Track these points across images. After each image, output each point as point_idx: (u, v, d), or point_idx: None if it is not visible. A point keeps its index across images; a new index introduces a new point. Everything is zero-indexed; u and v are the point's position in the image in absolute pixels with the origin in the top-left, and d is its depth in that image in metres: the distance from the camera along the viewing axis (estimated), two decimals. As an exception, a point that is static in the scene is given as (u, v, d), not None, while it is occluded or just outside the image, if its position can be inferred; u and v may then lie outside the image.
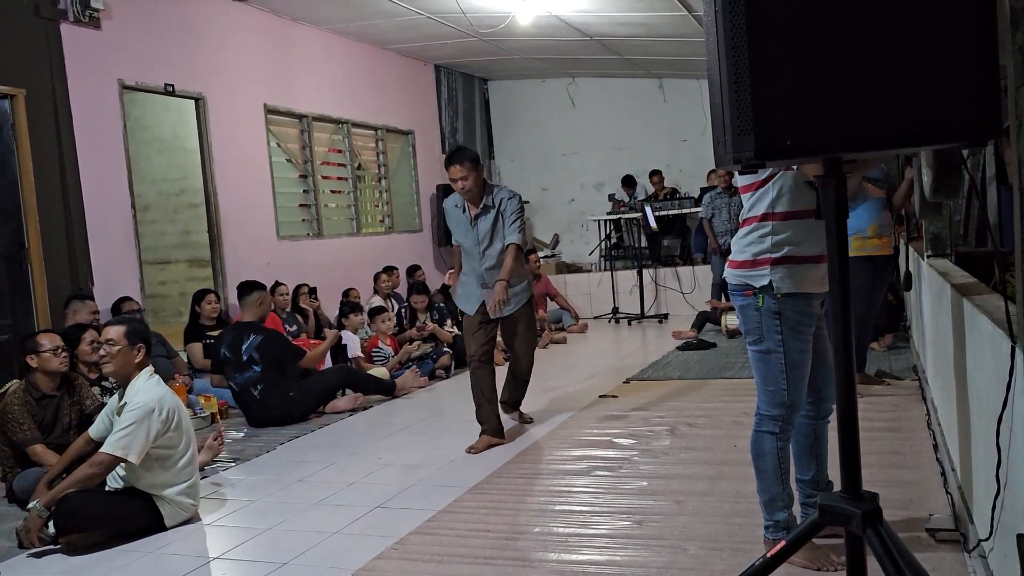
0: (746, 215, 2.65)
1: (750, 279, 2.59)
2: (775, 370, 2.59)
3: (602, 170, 11.97)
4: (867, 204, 4.91)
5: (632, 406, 5.32)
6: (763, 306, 2.57)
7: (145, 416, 3.45)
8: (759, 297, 2.57)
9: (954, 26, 1.63)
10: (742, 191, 2.69)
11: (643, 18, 8.15)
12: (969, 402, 2.75)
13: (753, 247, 2.59)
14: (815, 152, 1.77)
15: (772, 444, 2.65)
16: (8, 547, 3.51)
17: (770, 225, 2.56)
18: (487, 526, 3.34)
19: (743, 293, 2.63)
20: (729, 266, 2.69)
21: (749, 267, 2.60)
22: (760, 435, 2.68)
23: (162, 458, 3.56)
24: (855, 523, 1.87)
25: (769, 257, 2.55)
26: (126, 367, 3.56)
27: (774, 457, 2.65)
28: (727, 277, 2.70)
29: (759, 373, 2.65)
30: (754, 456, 2.71)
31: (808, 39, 1.64)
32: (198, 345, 6.53)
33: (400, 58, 10.31)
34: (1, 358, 5.47)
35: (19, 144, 5.76)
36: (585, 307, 10.42)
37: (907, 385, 5.17)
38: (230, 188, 7.57)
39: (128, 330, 3.59)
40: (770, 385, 2.62)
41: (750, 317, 2.62)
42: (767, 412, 2.65)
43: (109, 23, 6.44)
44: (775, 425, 2.64)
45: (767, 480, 2.67)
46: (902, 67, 1.64)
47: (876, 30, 1.64)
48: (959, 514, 2.90)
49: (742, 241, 2.64)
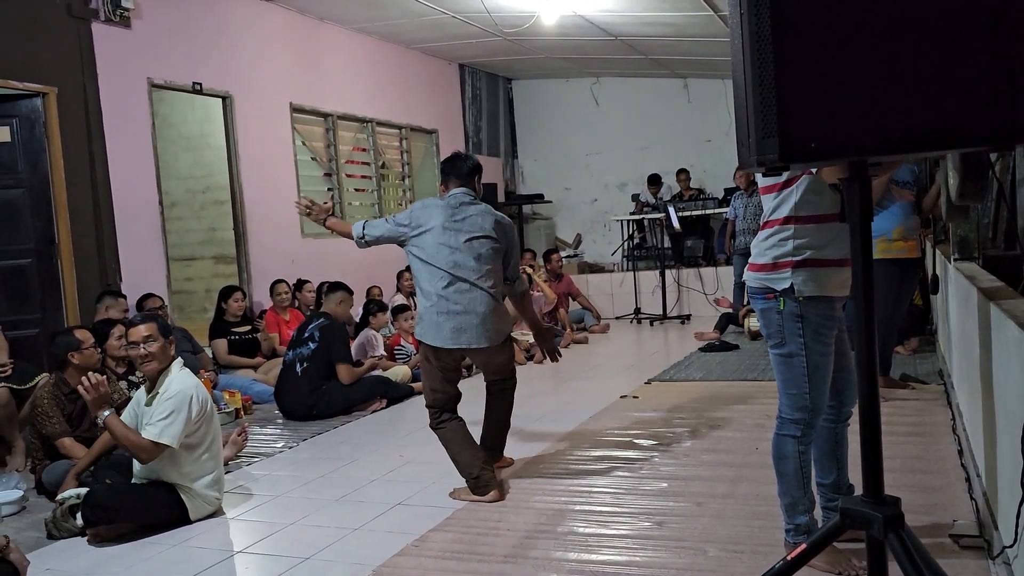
0: (768, 217, 2.63)
1: (771, 282, 2.58)
2: (797, 373, 2.58)
3: (625, 170, 11.95)
4: (895, 207, 4.87)
5: (653, 407, 5.31)
6: (784, 309, 2.56)
7: (184, 403, 3.53)
8: (780, 300, 2.56)
9: (981, 28, 1.62)
10: (763, 192, 2.67)
11: (669, 18, 8.12)
12: (995, 407, 2.72)
13: (774, 250, 2.58)
14: (840, 155, 1.77)
15: (794, 448, 2.63)
16: (37, 538, 3.57)
17: (792, 228, 2.54)
18: (507, 525, 3.35)
19: (764, 296, 2.61)
20: (749, 269, 2.68)
21: (770, 270, 2.58)
22: (782, 438, 2.66)
23: (192, 447, 3.62)
24: (877, 527, 1.85)
25: (791, 260, 2.54)
26: (165, 360, 3.64)
27: (795, 460, 2.64)
28: (747, 280, 2.69)
29: (781, 376, 2.64)
30: (775, 459, 2.69)
31: (833, 42, 1.64)
32: (223, 341, 6.60)
33: (425, 57, 10.35)
34: (31, 352, 5.56)
35: (50, 141, 5.86)
36: (607, 307, 10.40)
37: (932, 389, 5.12)
38: (256, 186, 7.65)
39: (159, 325, 3.67)
40: (792, 388, 2.61)
41: (772, 320, 2.61)
42: (789, 416, 2.64)
43: (139, 22, 6.52)
44: (797, 429, 2.62)
45: (788, 483, 2.66)
46: (928, 70, 1.63)
47: (902, 33, 1.63)
48: (983, 520, 2.87)
49: (763, 244, 2.62)
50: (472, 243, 3.77)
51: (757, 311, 2.68)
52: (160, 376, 3.62)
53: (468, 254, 3.76)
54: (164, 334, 3.65)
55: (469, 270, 3.75)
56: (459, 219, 3.80)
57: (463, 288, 3.73)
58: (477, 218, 3.83)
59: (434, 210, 3.84)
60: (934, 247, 5.67)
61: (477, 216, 3.84)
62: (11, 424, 4.71)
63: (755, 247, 2.65)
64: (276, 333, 6.98)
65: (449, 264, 3.74)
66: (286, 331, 6.92)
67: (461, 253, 3.75)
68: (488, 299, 3.76)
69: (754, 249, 2.66)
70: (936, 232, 5.91)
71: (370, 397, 5.88)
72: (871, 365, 1.90)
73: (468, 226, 3.79)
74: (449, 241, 3.76)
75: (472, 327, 3.72)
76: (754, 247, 2.66)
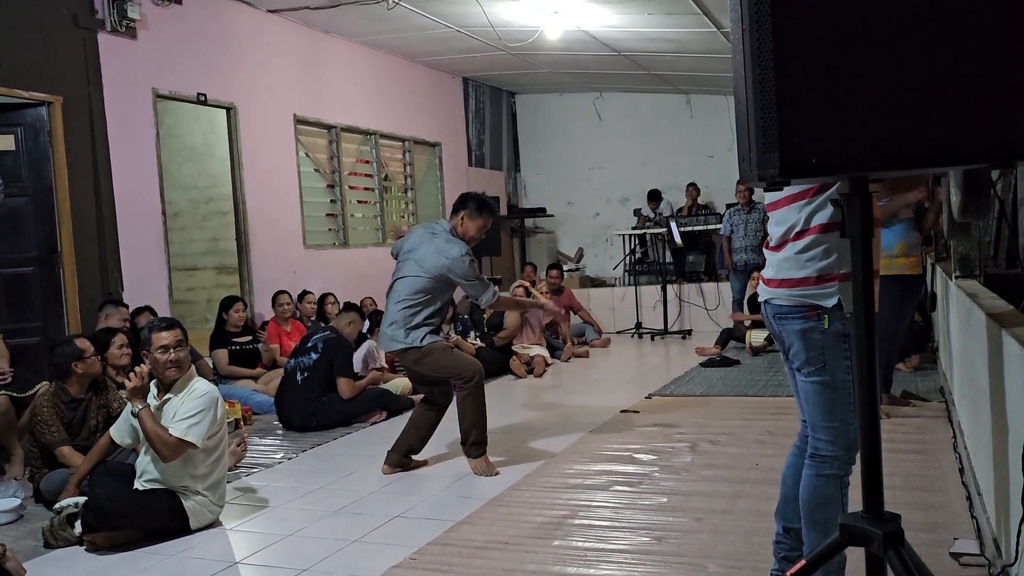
0: (800, 227, 2.32)
1: (816, 298, 2.27)
2: (842, 403, 2.27)
3: (628, 185, 11.98)
4: (896, 223, 4.87)
5: (653, 422, 5.30)
6: (829, 328, 2.25)
7: (211, 405, 3.58)
8: (825, 318, 2.25)
9: (983, 45, 1.63)
10: (787, 202, 2.37)
11: (672, 34, 8.17)
12: (996, 425, 2.72)
13: (816, 263, 2.28)
14: (841, 170, 1.77)
15: (837, 488, 2.31)
16: (35, 546, 3.56)
17: (834, 237, 2.24)
18: (505, 538, 3.34)
19: (802, 315, 2.29)
20: (781, 286, 2.35)
21: (814, 284, 2.28)
22: (823, 480, 2.32)
23: (210, 450, 3.64)
24: (876, 544, 1.84)
25: (838, 273, 2.25)
26: (187, 367, 3.69)
27: (837, 503, 2.30)
28: (775, 298, 2.38)
29: (820, 408, 2.31)
30: (814, 506, 2.33)
31: (835, 58, 1.65)
32: (224, 351, 6.60)
33: (428, 71, 10.40)
34: (32, 360, 5.56)
35: (55, 150, 5.88)
36: (608, 322, 10.40)
37: (933, 407, 5.10)
38: (258, 196, 7.67)
39: (184, 331, 3.75)
40: (834, 421, 2.28)
41: (813, 342, 2.28)
42: (830, 453, 2.30)
43: (145, 33, 6.56)
44: (839, 467, 2.31)
45: (828, 530, 2.22)
46: (930, 86, 1.64)
47: (903, 49, 1.64)
48: (984, 539, 2.86)
49: (800, 256, 2.30)
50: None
51: (790, 333, 2.34)
52: (179, 382, 3.64)
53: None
54: (185, 342, 3.73)
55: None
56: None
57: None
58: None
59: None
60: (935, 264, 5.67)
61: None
62: (10, 432, 4.70)
63: (783, 261, 2.36)
64: (277, 344, 6.98)
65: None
66: (287, 342, 6.93)
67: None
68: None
69: (782, 263, 2.36)
70: (937, 249, 5.91)
71: (370, 409, 5.87)
72: (871, 381, 1.90)
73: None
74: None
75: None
76: (781, 261, 2.36)
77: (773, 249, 2.43)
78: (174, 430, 3.50)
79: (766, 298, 2.43)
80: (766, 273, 2.46)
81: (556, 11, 7.56)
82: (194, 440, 3.50)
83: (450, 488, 4.12)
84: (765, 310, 2.46)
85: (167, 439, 3.47)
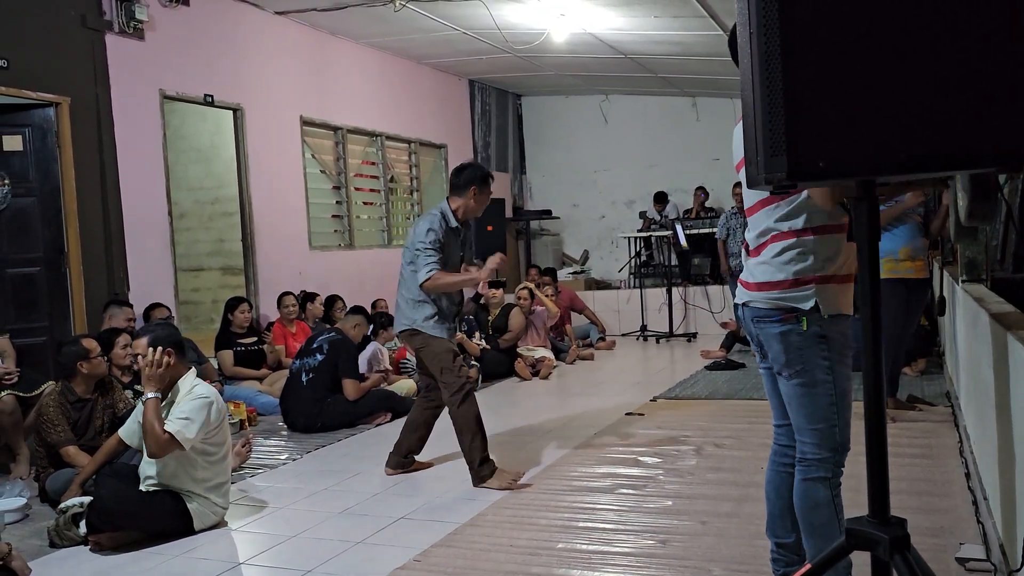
0: (775, 229, 2.33)
1: (793, 301, 2.29)
2: (823, 403, 2.30)
3: (633, 187, 11.97)
4: (901, 227, 4.87)
5: (658, 425, 5.30)
6: (808, 330, 2.28)
7: (205, 406, 3.56)
8: (803, 321, 2.28)
9: (990, 50, 1.62)
10: (762, 205, 2.37)
11: (678, 37, 8.16)
12: (1002, 430, 2.70)
13: (793, 265, 2.29)
14: (848, 174, 1.77)
15: (826, 491, 2.31)
16: (40, 546, 3.57)
17: (812, 239, 2.28)
18: (510, 541, 3.34)
19: (780, 318, 2.32)
20: (757, 289, 2.37)
21: (790, 287, 2.30)
22: (810, 484, 2.33)
23: (209, 453, 3.64)
24: (882, 548, 1.84)
25: (815, 275, 2.28)
26: (167, 374, 3.60)
27: (830, 506, 2.31)
28: (753, 301, 2.39)
29: (803, 411, 2.33)
30: (804, 511, 2.35)
31: (842, 62, 1.64)
32: (229, 352, 6.61)
33: (435, 73, 10.41)
34: (38, 360, 5.57)
35: (62, 151, 5.90)
36: (613, 324, 10.39)
37: (940, 411, 5.09)
38: (264, 198, 7.68)
39: (151, 339, 3.59)
40: (818, 423, 2.31)
41: (791, 344, 2.31)
42: (815, 455, 2.32)
43: (152, 34, 6.58)
44: (827, 469, 2.32)
45: (824, 536, 2.28)
46: (938, 90, 1.64)
47: (911, 53, 1.63)
48: (990, 544, 2.85)
49: (777, 259, 2.32)
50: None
51: (768, 337, 2.36)
52: (176, 385, 3.63)
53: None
54: (178, 349, 3.65)
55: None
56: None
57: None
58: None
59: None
60: (942, 268, 5.66)
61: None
62: (16, 432, 4.71)
63: (759, 265, 2.37)
64: (283, 345, 6.98)
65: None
66: (292, 343, 6.93)
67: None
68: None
69: (759, 267, 2.37)
70: (944, 253, 5.89)
71: (375, 411, 5.87)
72: (878, 385, 1.89)
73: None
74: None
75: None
76: (758, 265, 2.37)
77: (751, 253, 2.45)
78: (169, 425, 3.49)
79: (744, 301, 2.44)
80: (744, 277, 2.47)
81: (563, 14, 7.57)
82: (184, 440, 3.47)
83: (454, 490, 4.12)
84: (743, 313, 2.47)
85: (159, 434, 3.45)
